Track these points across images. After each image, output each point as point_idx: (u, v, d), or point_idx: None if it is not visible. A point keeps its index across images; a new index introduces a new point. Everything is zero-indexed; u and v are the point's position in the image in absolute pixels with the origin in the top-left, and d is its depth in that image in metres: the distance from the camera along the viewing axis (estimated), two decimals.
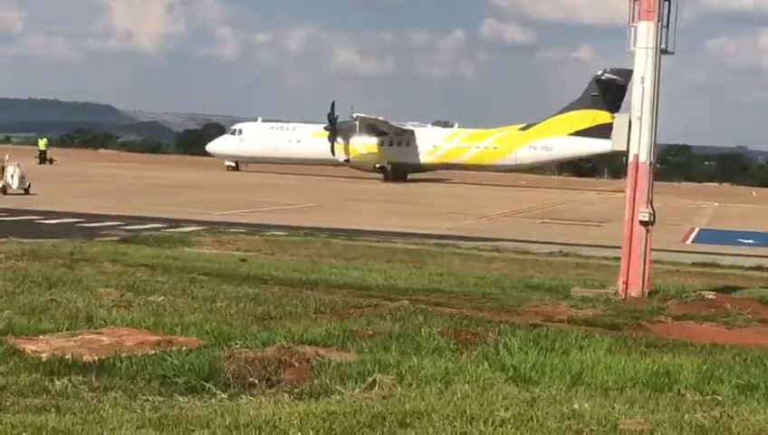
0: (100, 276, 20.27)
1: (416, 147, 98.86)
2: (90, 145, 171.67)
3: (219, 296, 18.10)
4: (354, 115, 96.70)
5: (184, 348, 13.23)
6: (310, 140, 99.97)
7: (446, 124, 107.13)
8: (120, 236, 32.62)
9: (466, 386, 11.81)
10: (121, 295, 17.70)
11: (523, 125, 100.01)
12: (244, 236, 33.97)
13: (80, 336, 14.03)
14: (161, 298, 17.64)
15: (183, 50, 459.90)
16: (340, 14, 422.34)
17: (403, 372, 12.33)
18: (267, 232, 36.34)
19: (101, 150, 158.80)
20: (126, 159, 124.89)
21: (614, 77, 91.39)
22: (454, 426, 10.20)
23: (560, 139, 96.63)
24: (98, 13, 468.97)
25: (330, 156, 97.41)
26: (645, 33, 21.67)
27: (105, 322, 15.15)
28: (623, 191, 22.44)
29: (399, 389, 11.67)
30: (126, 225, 36.96)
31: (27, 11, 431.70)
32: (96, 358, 12.60)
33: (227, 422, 10.11)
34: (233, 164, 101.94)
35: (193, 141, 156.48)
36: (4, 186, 50.95)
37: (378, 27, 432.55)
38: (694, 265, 30.94)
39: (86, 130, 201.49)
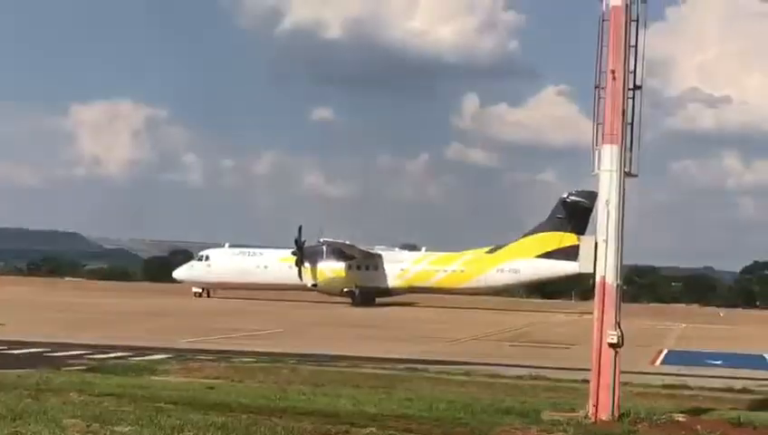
0: (66, 407, 20.00)
1: (383, 271, 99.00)
2: (56, 273, 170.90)
3: (186, 426, 17.88)
4: (322, 240, 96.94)
5: None
6: (277, 265, 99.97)
7: (413, 247, 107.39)
8: (87, 365, 32.31)
9: None
10: (87, 426, 17.45)
11: (491, 247, 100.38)
12: (212, 364, 33.71)
13: None
14: (128, 428, 17.41)
15: (150, 176, 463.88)
16: (306, 138, 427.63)
17: None
18: (235, 359, 36.08)
19: (68, 279, 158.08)
20: (92, 286, 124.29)
21: (579, 199, 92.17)
22: None
23: (527, 261, 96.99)
24: (65, 140, 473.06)
25: (297, 281, 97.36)
26: (609, 157, 21.88)
27: None
28: (591, 313, 22.44)
29: None
30: (93, 353, 36.63)
31: None
32: None
33: None
34: (200, 290, 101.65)
35: (160, 268, 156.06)
36: None
37: (345, 151, 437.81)
38: (663, 386, 30.87)
39: (52, 258, 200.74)
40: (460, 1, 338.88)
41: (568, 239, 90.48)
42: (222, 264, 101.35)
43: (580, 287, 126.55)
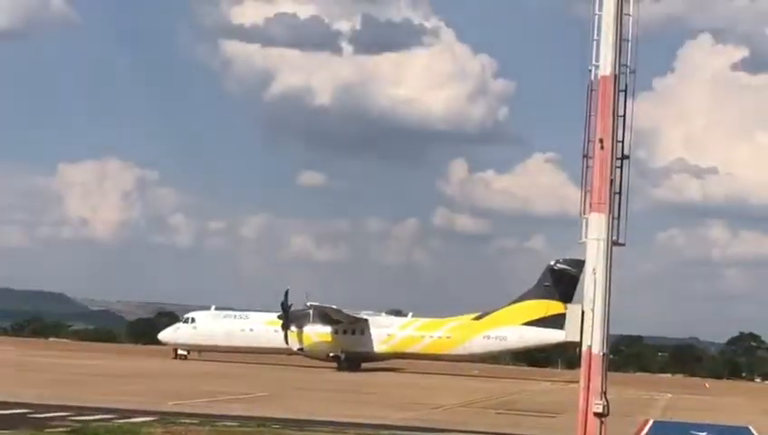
0: None
1: (369, 336, 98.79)
2: (41, 334, 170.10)
3: None
4: (308, 304, 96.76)
5: None
6: (263, 328, 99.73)
7: (399, 313, 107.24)
8: (70, 427, 32.08)
9: None
10: None
11: (477, 314, 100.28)
12: (196, 427, 33.50)
13: None
14: None
15: (136, 238, 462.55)
16: (295, 201, 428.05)
17: None
18: (219, 422, 35.87)
19: (52, 339, 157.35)
20: (77, 347, 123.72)
21: (566, 267, 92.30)
22: None
23: (513, 328, 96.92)
24: (52, 201, 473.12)
25: (283, 344, 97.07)
26: (597, 225, 21.98)
27: None
28: (577, 381, 22.41)
29: None
30: (76, 415, 36.38)
31: None
32: None
33: None
34: (185, 353, 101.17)
35: (145, 330, 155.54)
36: None
37: (333, 214, 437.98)
38: None
39: (37, 318, 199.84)
40: (450, 68, 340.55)
41: (555, 307, 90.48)
42: (208, 326, 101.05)
43: (566, 355, 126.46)
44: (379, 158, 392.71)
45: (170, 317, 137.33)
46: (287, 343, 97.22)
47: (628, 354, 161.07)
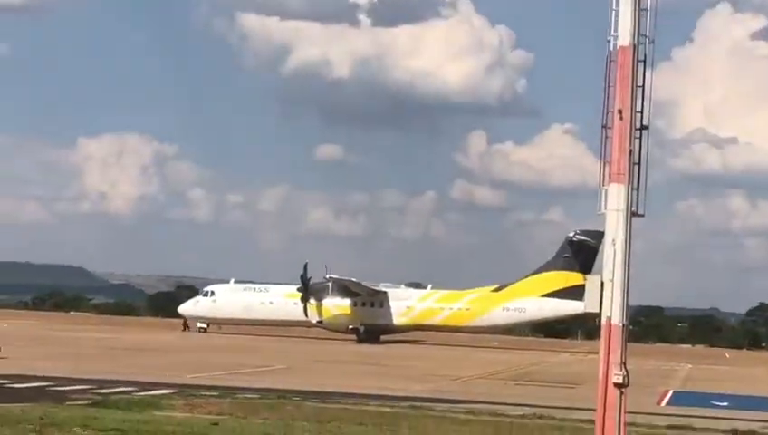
0: None
1: (389, 308, 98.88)
2: (61, 308, 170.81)
3: None
4: (327, 276, 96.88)
5: None
6: (283, 301, 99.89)
7: (418, 285, 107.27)
8: (91, 399, 32.24)
9: None
10: None
11: (496, 286, 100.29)
12: (216, 400, 33.63)
13: None
14: None
15: (156, 211, 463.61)
16: (313, 174, 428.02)
17: None
18: (239, 395, 35.99)
19: (73, 313, 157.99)
20: (98, 321, 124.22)
21: (585, 238, 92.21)
22: None
23: (533, 300, 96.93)
24: (72, 175, 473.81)
25: (303, 317, 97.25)
26: (615, 196, 21.86)
27: None
28: (596, 353, 22.38)
29: None
30: (97, 388, 36.55)
31: None
32: None
33: None
34: (205, 326, 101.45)
35: (165, 303, 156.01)
36: None
37: (351, 188, 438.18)
38: (668, 427, 30.76)
39: (57, 292, 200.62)
40: (468, 40, 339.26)
41: (574, 278, 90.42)
42: (227, 300, 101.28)
43: (585, 327, 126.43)
44: (396, 130, 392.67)
45: (190, 290, 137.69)
46: (306, 315, 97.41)
47: (647, 325, 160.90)
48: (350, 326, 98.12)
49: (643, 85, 22.12)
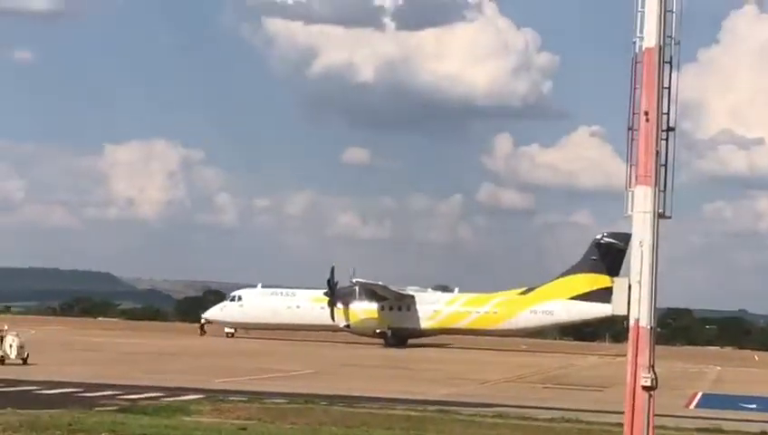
0: None
1: (416, 312, 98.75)
2: (89, 313, 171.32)
3: None
4: (354, 280, 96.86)
5: None
6: (309, 305, 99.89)
7: (446, 289, 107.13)
8: (119, 405, 32.33)
9: None
10: None
11: (524, 289, 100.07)
12: (244, 405, 33.65)
13: None
14: None
15: (183, 217, 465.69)
16: (339, 178, 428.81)
17: None
18: (267, 400, 36.02)
19: (101, 319, 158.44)
20: (125, 326, 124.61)
21: (613, 241, 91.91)
22: None
23: (560, 303, 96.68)
24: (99, 181, 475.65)
25: (330, 321, 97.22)
26: (642, 198, 21.79)
27: None
28: (625, 355, 22.30)
29: None
30: (124, 394, 36.65)
31: (27, 180, 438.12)
32: None
33: None
34: (232, 331, 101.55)
35: (192, 308, 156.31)
36: (2, 356, 50.54)
37: (378, 192, 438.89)
38: (697, 430, 30.63)
39: (85, 298, 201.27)
40: (493, 43, 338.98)
41: (601, 281, 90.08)
42: (254, 304, 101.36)
43: (613, 329, 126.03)
44: (423, 134, 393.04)
45: (217, 295, 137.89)
46: (333, 319, 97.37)
47: (676, 328, 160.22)
48: (378, 330, 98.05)
49: (669, 87, 22.04)
